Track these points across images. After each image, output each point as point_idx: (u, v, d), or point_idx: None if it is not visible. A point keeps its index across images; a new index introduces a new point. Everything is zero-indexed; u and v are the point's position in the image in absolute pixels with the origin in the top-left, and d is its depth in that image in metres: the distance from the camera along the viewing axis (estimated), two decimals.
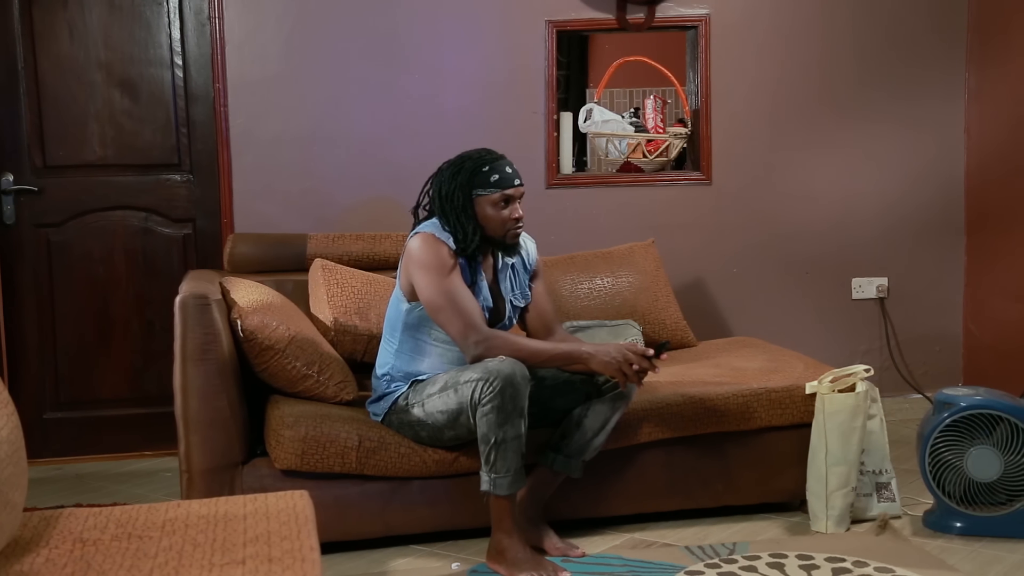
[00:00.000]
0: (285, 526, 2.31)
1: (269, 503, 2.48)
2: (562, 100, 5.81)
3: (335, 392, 3.56)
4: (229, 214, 4.54)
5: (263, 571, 2.06)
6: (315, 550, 2.18)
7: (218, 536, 2.26)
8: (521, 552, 3.27)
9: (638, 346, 3.31)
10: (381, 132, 4.60)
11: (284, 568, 2.07)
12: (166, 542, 2.24)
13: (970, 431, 3.54)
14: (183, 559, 2.14)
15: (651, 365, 3.28)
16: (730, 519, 3.73)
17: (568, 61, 6.72)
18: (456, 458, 3.45)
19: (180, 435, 3.38)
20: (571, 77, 6.32)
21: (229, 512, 2.41)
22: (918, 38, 4.94)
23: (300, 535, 2.25)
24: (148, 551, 2.19)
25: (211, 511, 2.43)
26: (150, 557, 2.15)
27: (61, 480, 4.47)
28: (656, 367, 3.30)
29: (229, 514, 2.40)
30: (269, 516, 2.38)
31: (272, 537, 2.24)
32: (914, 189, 4.99)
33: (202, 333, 3.35)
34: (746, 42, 4.84)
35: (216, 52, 4.50)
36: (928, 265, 5.04)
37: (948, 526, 3.58)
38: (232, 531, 2.29)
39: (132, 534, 2.28)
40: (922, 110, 4.96)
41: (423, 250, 3.30)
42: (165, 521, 2.36)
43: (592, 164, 5.33)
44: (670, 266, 4.73)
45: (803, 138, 4.91)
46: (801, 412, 3.72)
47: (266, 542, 2.22)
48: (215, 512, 2.41)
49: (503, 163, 3.36)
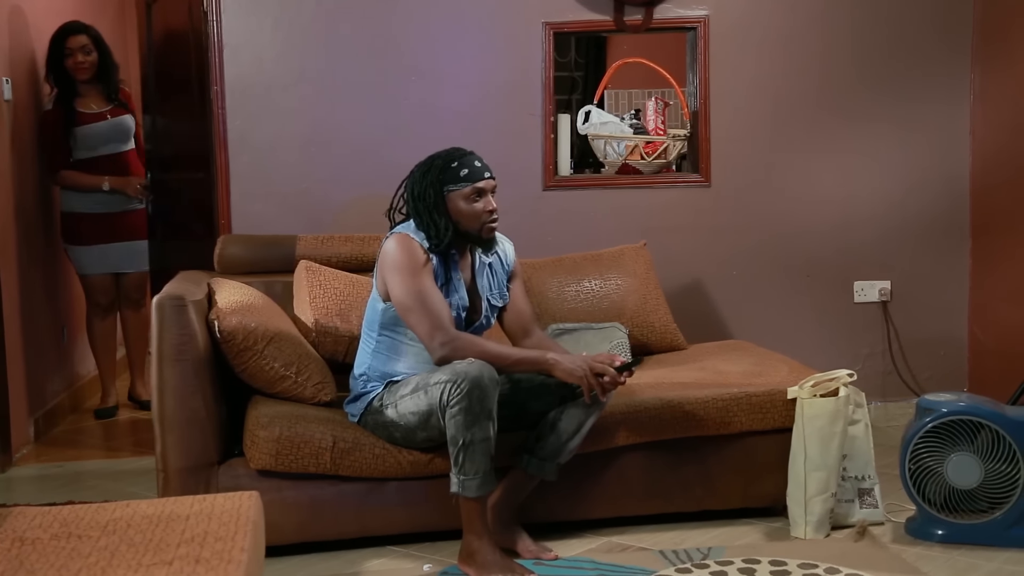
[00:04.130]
0: (224, 527, 2.34)
1: (216, 504, 2.50)
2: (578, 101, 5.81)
3: (313, 393, 3.59)
4: (227, 215, 4.59)
5: (186, 572, 2.08)
6: (245, 551, 2.20)
7: (155, 536, 2.29)
8: (491, 554, 3.27)
9: (605, 358, 3.32)
10: (378, 134, 4.62)
11: (208, 569, 2.09)
12: (103, 542, 2.27)
13: (952, 437, 3.49)
14: (114, 559, 2.17)
15: (615, 377, 3.28)
16: (710, 524, 3.71)
17: (585, 62, 6.73)
18: (431, 459, 3.46)
19: (156, 434, 3.42)
20: (588, 78, 6.32)
21: (174, 512, 2.44)
22: (921, 38, 4.88)
23: (235, 536, 2.27)
24: (83, 551, 2.22)
25: (157, 511, 2.46)
26: (83, 557, 2.19)
27: (60, 477, 4.54)
28: (623, 382, 3.31)
29: (173, 514, 2.43)
30: (212, 517, 2.41)
31: (208, 538, 2.27)
32: (917, 191, 4.93)
33: (178, 334, 3.39)
34: (746, 43, 4.81)
35: (214, 55, 4.55)
36: (932, 268, 4.97)
37: (929, 533, 3.54)
38: (171, 532, 2.32)
39: (72, 534, 2.32)
40: (925, 111, 4.90)
41: (396, 250, 3.33)
42: (109, 521, 2.40)
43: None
44: (669, 269, 4.71)
45: (804, 140, 4.86)
46: (783, 416, 3.69)
47: (200, 543, 2.24)
48: (160, 512, 2.45)
49: (472, 158, 3.38)
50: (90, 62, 5.18)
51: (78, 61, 5.15)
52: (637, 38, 4.94)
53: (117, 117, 5.29)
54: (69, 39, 5.15)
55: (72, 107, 5.17)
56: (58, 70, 5.18)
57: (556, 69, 6.79)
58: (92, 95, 5.24)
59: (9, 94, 4.93)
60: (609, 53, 6.13)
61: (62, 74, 5.18)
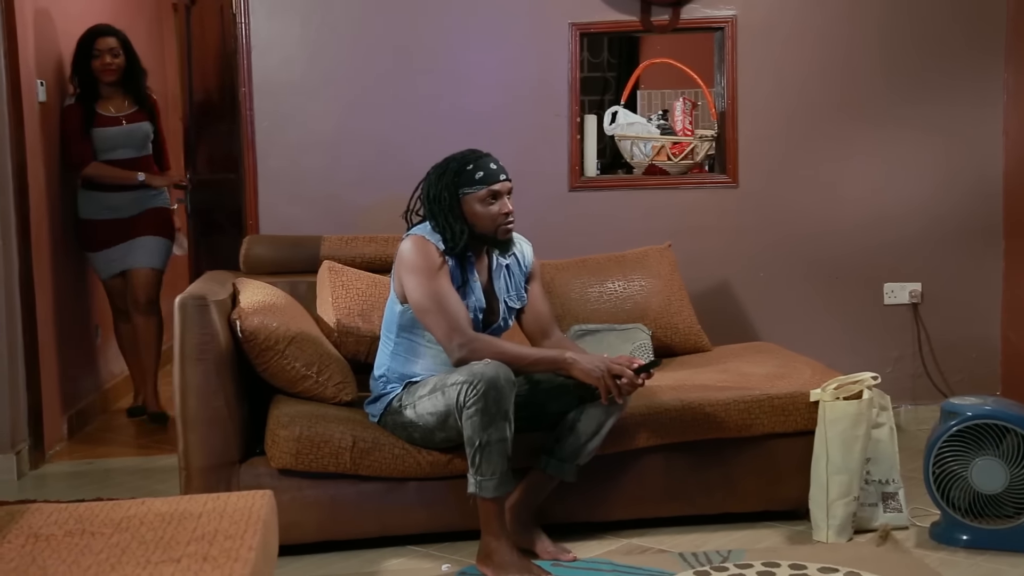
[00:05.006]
0: (235, 526, 2.36)
1: (229, 502, 2.52)
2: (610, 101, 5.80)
3: (334, 393, 3.62)
4: (254, 215, 4.63)
5: (194, 569, 2.10)
6: (253, 550, 2.22)
7: (166, 534, 2.31)
8: (508, 555, 3.28)
9: (624, 360, 3.31)
10: (404, 135, 4.64)
11: (214, 567, 2.11)
12: (116, 539, 2.30)
13: (976, 441, 3.45)
14: (124, 556, 2.19)
15: (633, 380, 3.28)
16: (732, 526, 3.69)
17: (618, 63, 6.71)
18: (450, 460, 3.47)
19: (179, 433, 3.46)
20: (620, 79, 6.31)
21: (187, 510, 2.47)
22: (952, 36, 4.82)
23: (245, 535, 2.29)
24: (95, 548, 2.25)
25: (170, 509, 2.48)
26: (94, 553, 2.21)
27: (91, 474, 4.60)
28: (641, 383, 3.30)
29: (187, 512, 2.45)
30: (223, 515, 2.43)
31: (217, 536, 2.29)
32: (949, 192, 4.87)
33: (200, 333, 3.42)
34: (773, 43, 4.78)
35: (242, 56, 4.58)
36: (964, 270, 4.91)
37: (954, 538, 3.50)
38: (182, 529, 2.34)
39: (86, 531, 2.35)
40: (956, 110, 4.84)
41: (412, 252, 3.34)
42: (123, 518, 2.42)
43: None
44: (695, 270, 4.70)
45: (832, 140, 4.82)
46: (805, 419, 3.66)
47: (210, 541, 2.26)
48: (173, 510, 2.47)
49: (487, 160, 3.38)
50: (117, 64, 5.19)
51: (105, 63, 5.17)
52: (670, 38, 4.93)
53: (133, 124, 5.25)
54: (98, 40, 5.17)
55: (92, 108, 5.18)
56: (84, 71, 5.19)
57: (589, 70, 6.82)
58: (114, 98, 5.24)
59: (43, 96, 5.00)
60: (642, 53, 6.12)
61: (87, 75, 5.19)
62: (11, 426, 4.49)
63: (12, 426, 4.50)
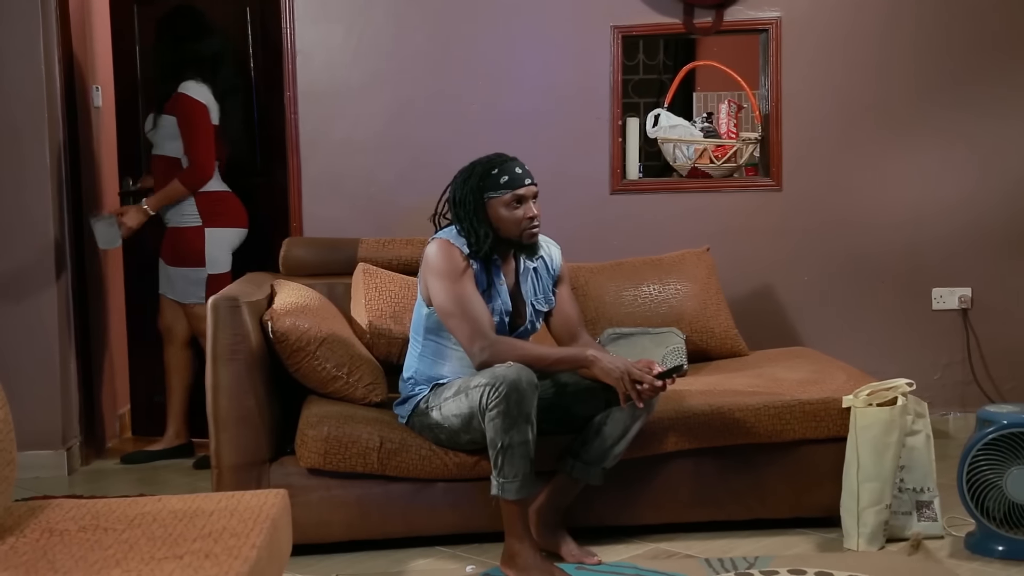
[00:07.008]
0: (243, 524, 2.40)
1: (242, 501, 2.56)
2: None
3: (364, 394, 3.66)
4: (298, 218, 4.69)
5: (195, 566, 2.15)
6: (256, 548, 2.25)
7: (175, 531, 2.36)
8: (532, 558, 3.29)
9: (645, 365, 3.30)
10: (445, 138, 4.67)
11: (214, 564, 2.15)
12: (127, 535, 2.35)
13: (1012, 450, 3.38)
14: (131, 552, 2.24)
15: (653, 384, 3.26)
16: (761, 533, 3.66)
17: (674, 65, 6.69)
18: (477, 462, 3.49)
19: (211, 432, 3.52)
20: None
21: (200, 508, 2.51)
22: (1009, 35, 4.72)
23: (251, 533, 2.33)
24: (105, 543, 2.30)
25: (184, 507, 2.53)
26: (103, 548, 2.27)
27: (140, 470, 4.70)
28: (663, 388, 3.29)
29: (199, 510, 2.50)
30: (234, 513, 2.47)
31: (224, 534, 2.33)
32: (998, 195, 4.77)
33: (231, 334, 3.48)
34: (818, 45, 4.72)
35: (287, 61, 4.65)
36: (1015, 275, 4.81)
37: (989, 549, 3.43)
38: (191, 527, 2.39)
39: (100, 526, 2.40)
40: (1007, 111, 4.74)
41: (436, 256, 3.37)
42: (137, 515, 2.48)
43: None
44: (737, 274, 4.66)
45: (877, 142, 4.75)
46: (838, 425, 3.61)
47: (216, 538, 2.30)
48: (186, 508, 2.52)
49: (513, 164, 3.39)
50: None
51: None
52: (724, 40, 4.90)
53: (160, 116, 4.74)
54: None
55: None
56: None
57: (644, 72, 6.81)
58: None
59: (99, 101, 5.12)
60: (698, 56, 6.08)
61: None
62: (62, 423, 4.60)
63: (64, 423, 4.61)
